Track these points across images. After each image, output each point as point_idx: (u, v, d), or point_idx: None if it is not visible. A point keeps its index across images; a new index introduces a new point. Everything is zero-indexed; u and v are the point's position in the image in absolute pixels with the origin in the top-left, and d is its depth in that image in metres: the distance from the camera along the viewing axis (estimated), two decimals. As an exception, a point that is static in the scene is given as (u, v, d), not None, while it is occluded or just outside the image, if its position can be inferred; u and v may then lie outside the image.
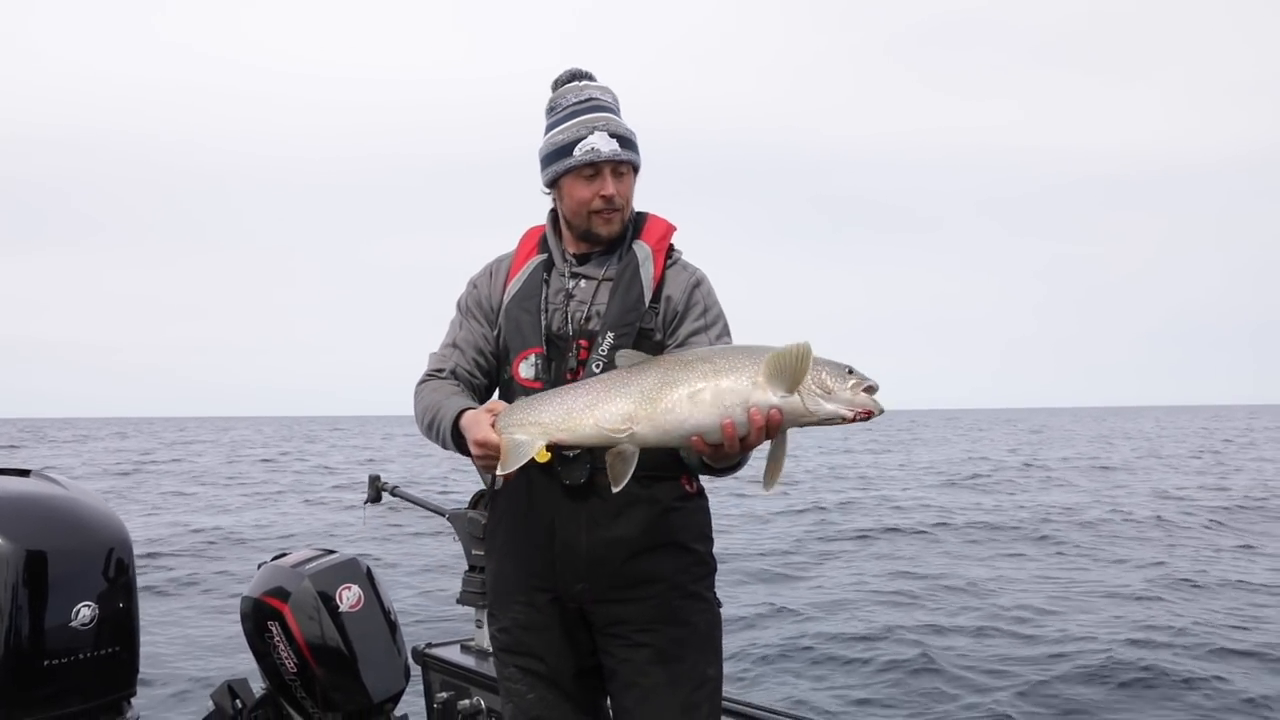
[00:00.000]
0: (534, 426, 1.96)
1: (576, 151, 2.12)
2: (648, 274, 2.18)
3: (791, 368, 1.80)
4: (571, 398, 1.97)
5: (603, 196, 2.14)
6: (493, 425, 1.97)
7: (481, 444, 1.96)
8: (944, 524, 13.53)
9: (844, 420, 1.83)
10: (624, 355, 1.99)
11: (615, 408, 1.90)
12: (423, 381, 2.27)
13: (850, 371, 1.83)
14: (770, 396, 1.81)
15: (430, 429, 2.16)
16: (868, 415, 1.83)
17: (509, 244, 2.36)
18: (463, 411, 2.07)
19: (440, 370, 2.27)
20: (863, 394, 1.82)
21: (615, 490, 1.92)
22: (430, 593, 8.65)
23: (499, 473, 1.95)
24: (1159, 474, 23.66)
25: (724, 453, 1.87)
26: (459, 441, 2.08)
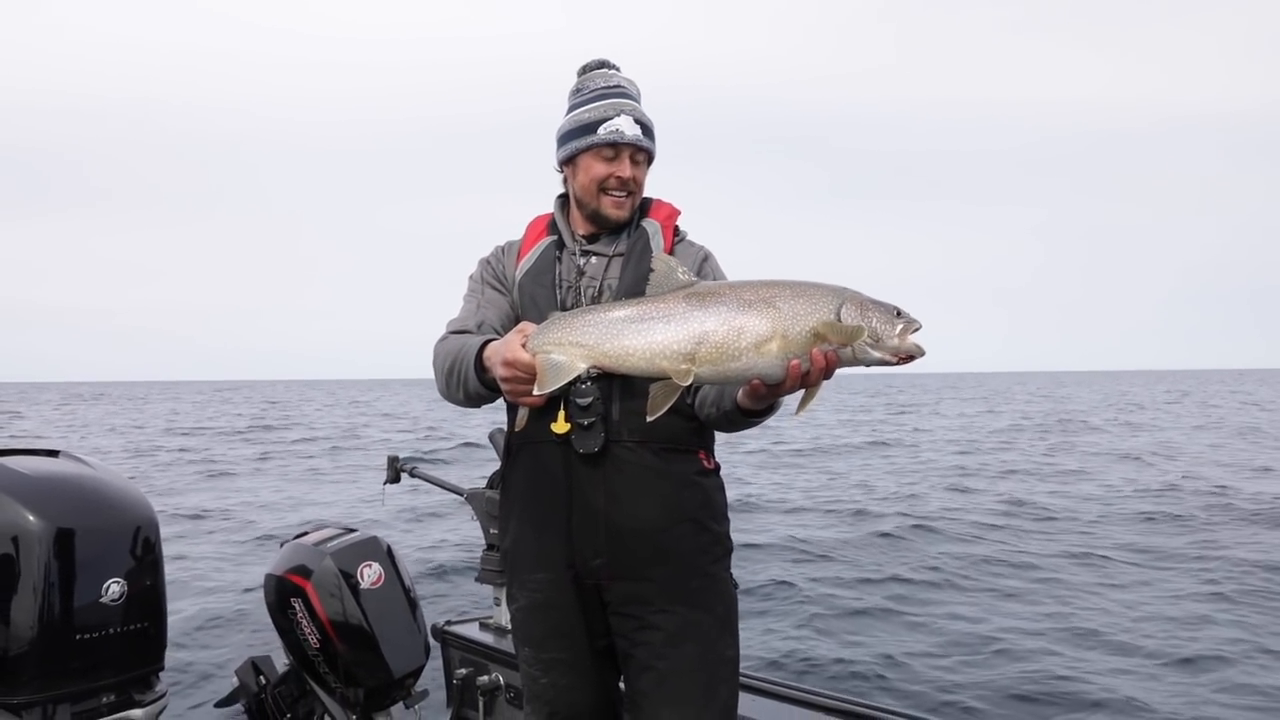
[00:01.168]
0: (574, 348, 1.84)
1: (601, 130, 2.17)
2: (658, 246, 2.22)
3: (848, 335, 1.80)
4: (617, 320, 1.86)
5: (618, 177, 2.19)
6: (524, 345, 1.86)
7: (512, 363, 1.84)
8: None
9: (888, 364, 1.83)
10: (660, 260, 1.93)
11: (673, 342, 1.82)
12: (443, 339, 2.21)
13: (899, 314, 1.83)
14: (829, 346, 1.81)
15: (451, 373, 2.08)
16: (910, 359, 1.84)
17: (518, 209, 2.40)
18: (487, 343, 2.00)
19: (464, 330, 2.20)
20: (909, 339, 1.82)
21: (650, 420, 1.86)
22: (450, 570, 8.74)
23: (536, 392, 1.83)
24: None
25: (780, 392, 1.87)
26: (483, 377, 2.00)
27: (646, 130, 2.22)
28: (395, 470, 4.08)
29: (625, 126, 2.17)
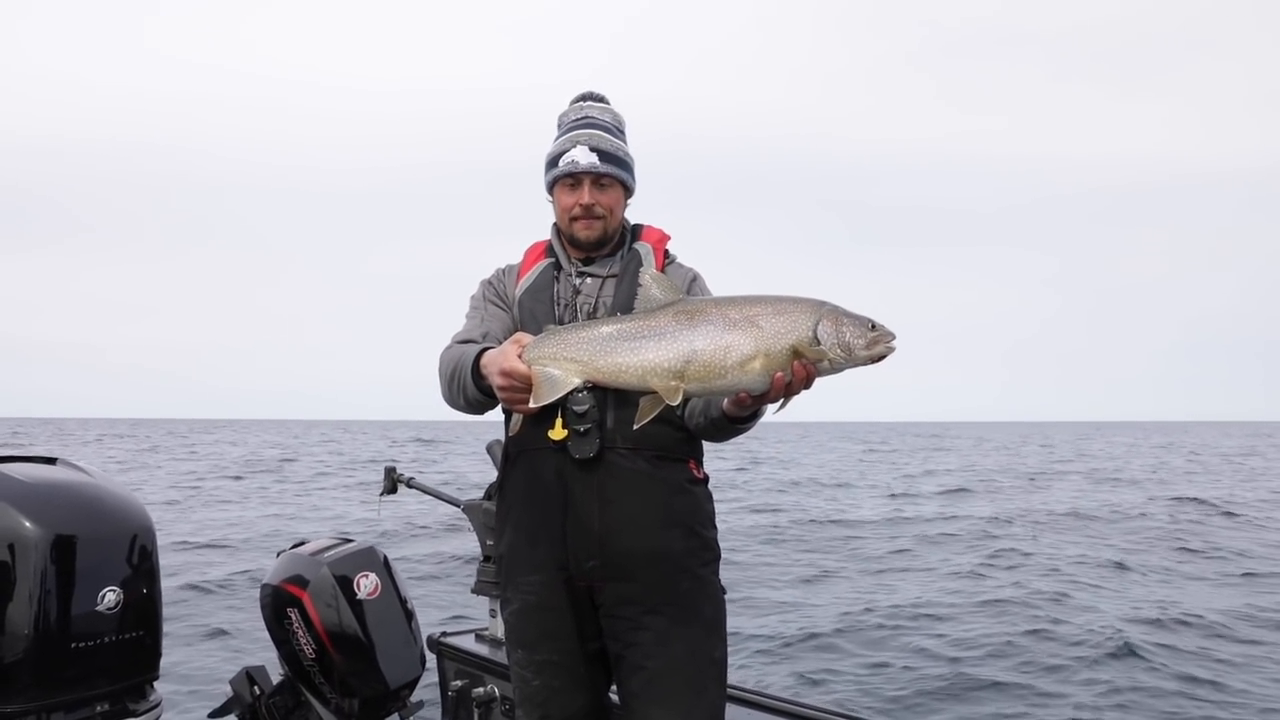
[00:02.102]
0: (569, 362, 1.93)
1: (561, 163, 2.32)
2: (650, 265, 2.33)
3: (824, 355, 1.91)
4: (610, 336, 1.95)
5: (581, 204, 2.31)
6: (520, 356, 1.95)
7: (509, 374, 1.94)
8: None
9: (862, 366, 1.95)
10: (646, 274, 2.04)
11: (663, 360, 1.91)
12: (448, 348, 2.31)
13: (873, 326, 1.94)
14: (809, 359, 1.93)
15: (453, 379, 2.20)
16: (882, 359, 1.96)
17: (506, 248, 2.51)
18: (485, 350, 2.10)
19: (469, 340, 2.31)
20: (879, 348, 1.94)
21: (635, 428, 1.99)
22: (446, 582, 8.72)
23: (531, 403, 1.93)
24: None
25: (764, 401, 1.99)
26: (480, 384, 2.10)
27: (606, 156, 2.31)
28: (392, 481, 4.07)
29: (580, 156, 2.30)
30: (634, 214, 2.50)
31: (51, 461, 2.83)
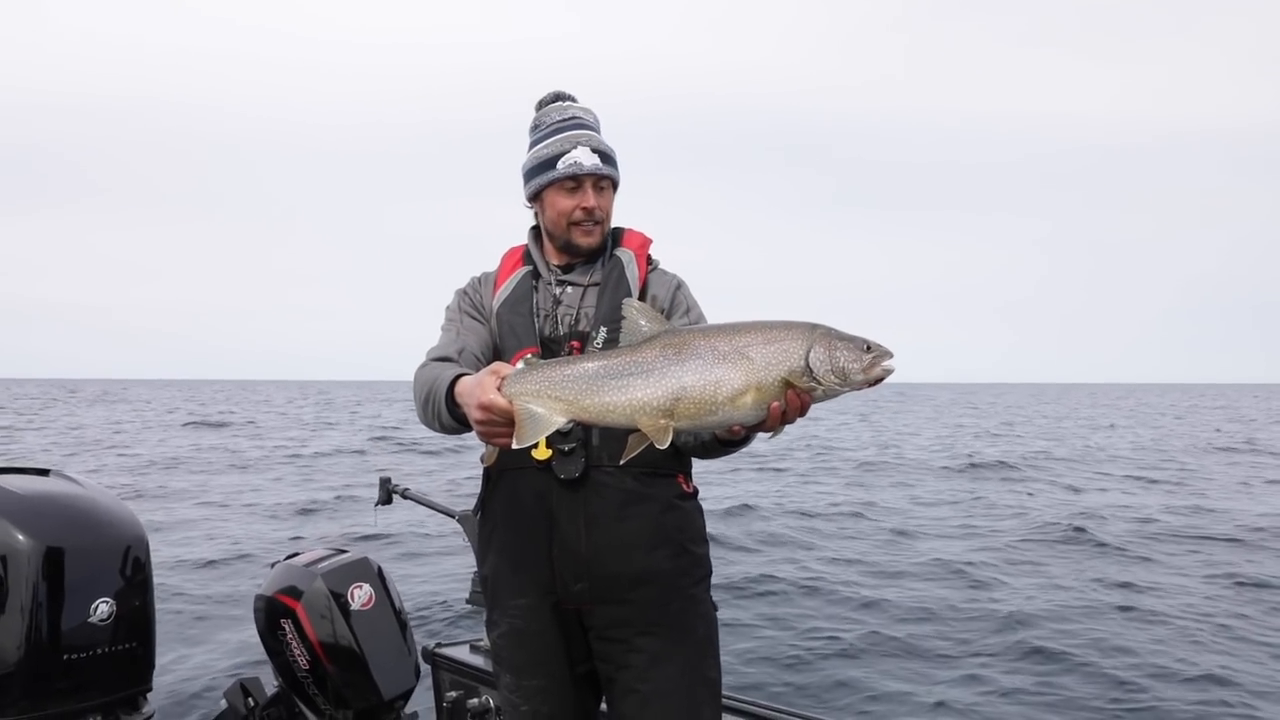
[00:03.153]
0: (554, 401, 1.84)
1: (560, 164, 2.21)
2: (633, 274, 2.26)
3: (820, 388, 1.86)
4: (595, 374, 1.86)
5: (583, 208, 2.22)
6: (499, 389, 1.82)
7: (487, 408, 1.80)
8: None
9: (858, 390, 1.90)
10: (630, 306, 1.94)
11: (652, 399, 1.84)
12: (423, 365, 2.19)
13: (868, 348, 1.86)
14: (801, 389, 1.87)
15: (427, 403, 2.07)
16: (880, 382, 1.90)
17: (524, 215, 2.41)
18: (459, 377, 1.97)
19: (445, 357, 2.20)
20: (876, 370, 1.86)
21: (622, 462, 1.94)
22: (440, 593, 8.70)
23: (515, 445, 1.81)
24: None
25: (759, 430, 1.91)
26: (454, 412, 1.97)
27: (606, 158, 2.25)
28: (387, 492, 4.06)
29: (583, 158, 2.21)
30: (621, 187, 2.35)
31: (45, 473, 2.83)
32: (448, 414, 2.00)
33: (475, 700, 3.44)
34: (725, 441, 2.03)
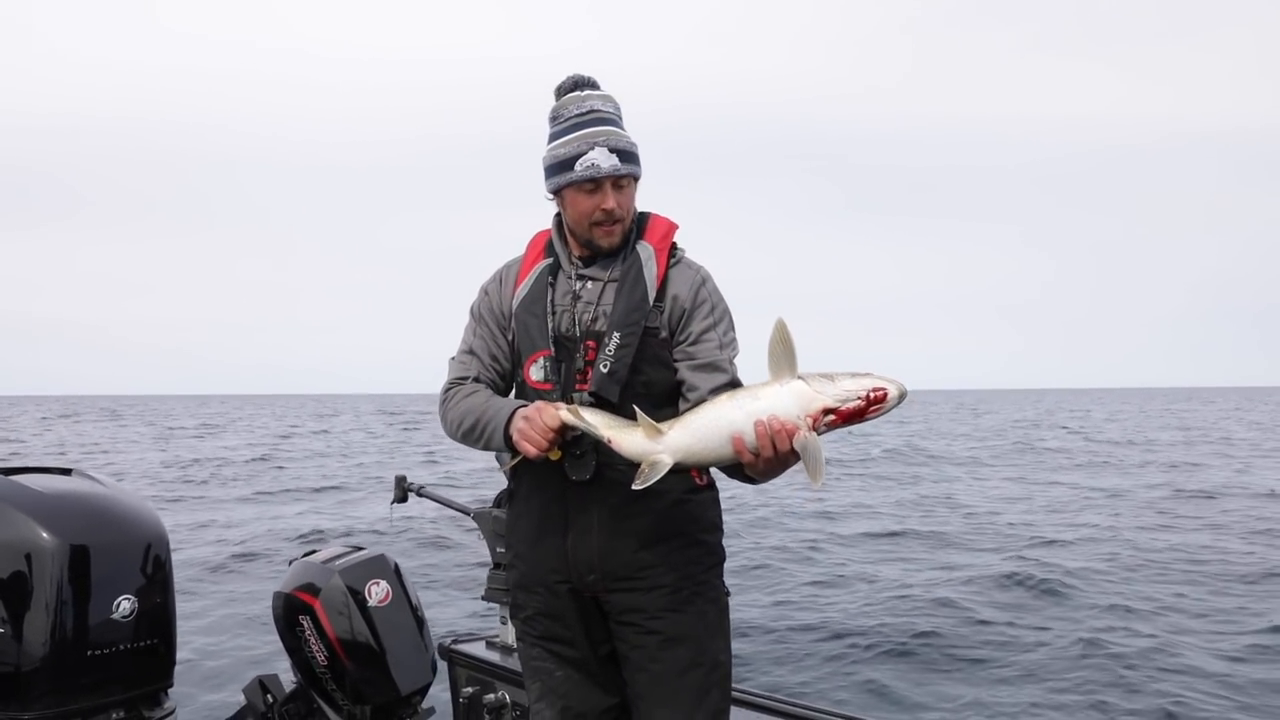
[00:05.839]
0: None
1: (578, 166, 2.16)
2: (650, 274, 2.22)
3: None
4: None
5: (603, 210, 2.18)
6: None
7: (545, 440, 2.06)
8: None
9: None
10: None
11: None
12: (448, 389, 2.31)
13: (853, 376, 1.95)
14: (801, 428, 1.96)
15: (472, 431, 2.21)
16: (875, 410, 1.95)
17: (527, 224, 2.41)
18: (517, 411, 2.13)
19: (464, 378, 2.30)
20: (855, 402, 1.92)
21: (635, 488, 2.01)
22: (456, 590, 8.75)
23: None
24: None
25: (763, 458, 1.96)
26: (507, 441, 2.14)
27: (625, 155, 2.19)
28: (403, 490, 4.09)
29: (601, 160, 2.16)
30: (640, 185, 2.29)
31: (66, 472, 2.87)
32: (502, 443, 2.17)
33: (491, 695, 3.47)
34: (747, 475, 2.09)
